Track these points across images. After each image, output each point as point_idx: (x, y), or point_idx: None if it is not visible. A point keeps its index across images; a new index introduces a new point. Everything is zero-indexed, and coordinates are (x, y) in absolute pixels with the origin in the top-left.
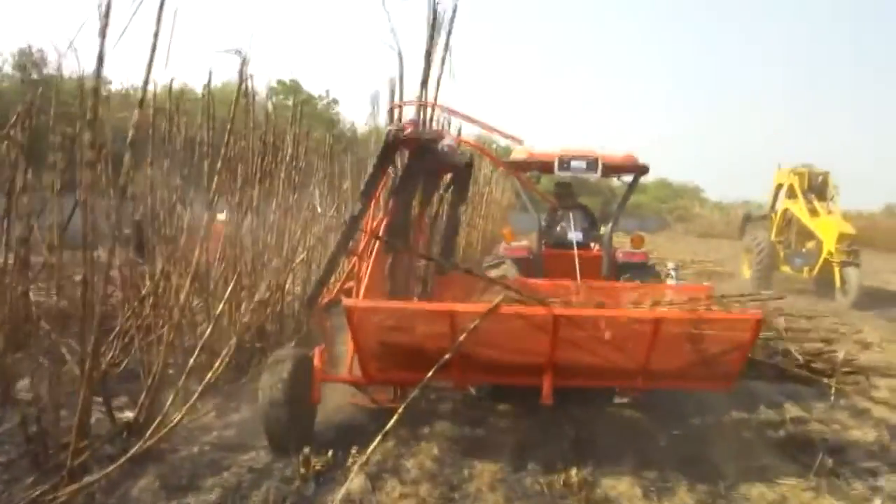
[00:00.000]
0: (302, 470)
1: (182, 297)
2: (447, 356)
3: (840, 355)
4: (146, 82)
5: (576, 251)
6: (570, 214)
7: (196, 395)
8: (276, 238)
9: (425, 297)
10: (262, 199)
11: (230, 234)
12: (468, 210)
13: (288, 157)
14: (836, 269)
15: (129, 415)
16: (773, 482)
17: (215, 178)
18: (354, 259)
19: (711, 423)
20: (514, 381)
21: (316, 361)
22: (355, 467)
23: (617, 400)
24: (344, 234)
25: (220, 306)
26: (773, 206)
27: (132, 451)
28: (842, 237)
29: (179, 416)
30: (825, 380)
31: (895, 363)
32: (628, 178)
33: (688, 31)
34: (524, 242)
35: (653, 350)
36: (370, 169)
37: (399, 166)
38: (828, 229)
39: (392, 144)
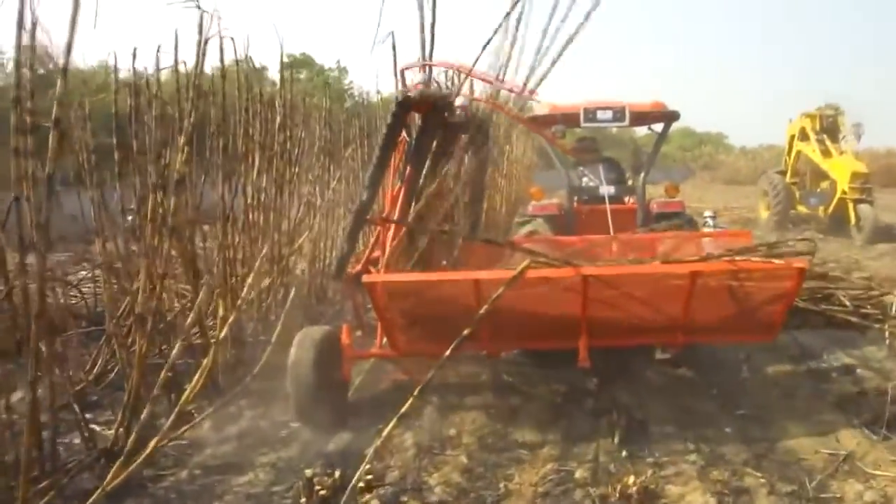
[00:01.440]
0: (303, 500)
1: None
2: (470, 327)
3: (891, 298)
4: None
5: (608, 205)
6: (599, 168)
7: (174, 415)
8: (274, 218)
9: (452, 263)
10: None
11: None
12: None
13: (277, 126)
14: (851, 207)
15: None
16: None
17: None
18: (379, 228)
19: (762, 379)
20: (548, 346)
21: (344, 338)
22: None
23: (658, 356)
24: (362, 202)
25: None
26: (788, 152)
27: (105, 484)
28: (855, 176)
29: (155, 441)
30: (876, 325)
31: None
32: (657, 128)
33: None
34: (554, 200)
35: (690, 304)
36: (382, 136)
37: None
38: (841, 169)
39: (401, 108)
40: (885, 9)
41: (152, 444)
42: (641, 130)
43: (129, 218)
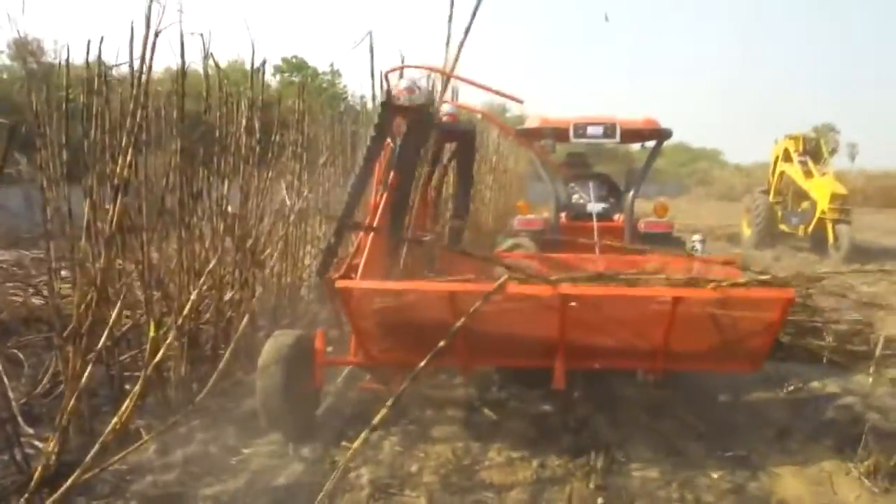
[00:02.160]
0: None
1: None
2: (444, 341)
3: (878, 334)
4: None
5: (595, 222)
6: (589, 184)
7: (99, 442)
8: (240, 227)
9: (432, 273)
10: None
11: None
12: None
13: (243, 127)
14: (830, 227)
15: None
16: (813, 469)
17: None
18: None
19: (741, 402)
20: (525, 364)
21: (317, 343)
22: None
23: (640, 379)
24: (346, 207)
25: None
26: (773, 173)
27: None
28: (834, 197)
29: (82, 469)
30: (861, 363)
31: None
32: (650, 145)
33: None
34: (545, 215)
35: (672, 330)
36: (367, 140)
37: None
38: (821, 190)
39: (385, 113)
40: (888, 33)
41: (81, 469)
42: (637, 144)
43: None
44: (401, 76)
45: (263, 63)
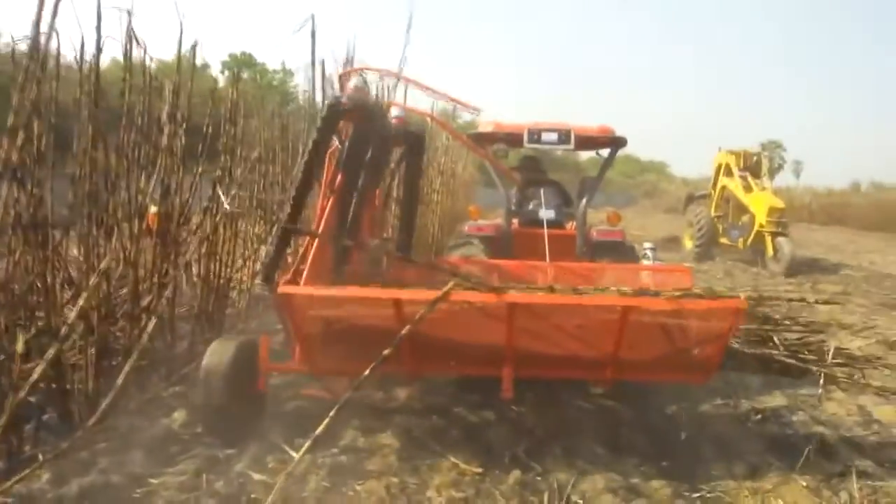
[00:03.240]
0: None
1: None
2: (390, 348)
3: (829, 343)
4: None
5: (545, 230)
6: (542, 190)
7: None
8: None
9: (378, 279)
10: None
11: None
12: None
13: (165, 119)
14: (768, 240)
15: None
16: (756, 480)
17: None
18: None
19: (689, 413)
20: (473, 372)
21: (262, 349)
22: None
23: (592, 389)
24: (289, 211)
25: None
26: (714, 185)
27: None
28: (772, 210)
29: None
30: (814, 369)
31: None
32: (604, 153)
33: (657, 6)
34: (497, 220)
35: (622, 340)
36: (311, 142)
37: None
38: (759, 204)
39: (332, 115)
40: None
41: None
42: (585, 154)
43: None
44: (356, 76)
45: (194, 46)
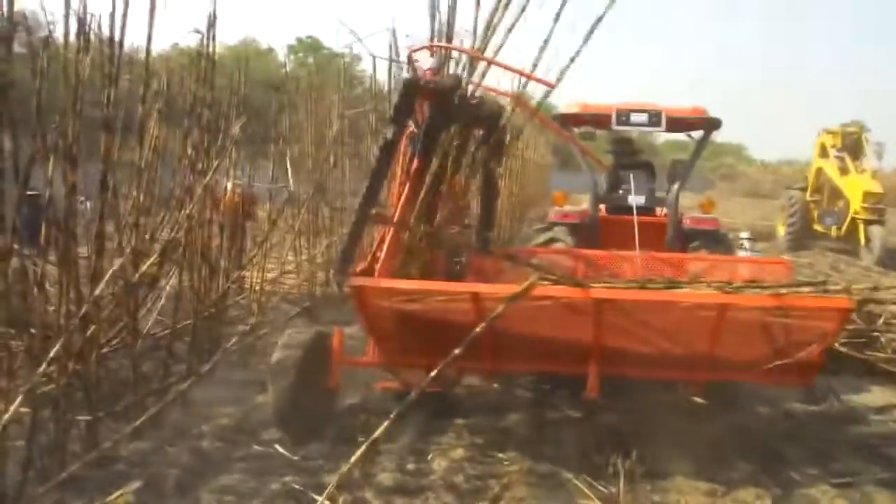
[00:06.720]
0: None
1: None
2: (463, 346)
3: None
4: None
5: (635, 217)
6: (632, 174)
7: None
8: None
9: (459, 271)
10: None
11: None
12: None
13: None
14: (861, 228)
15: None
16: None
17: None
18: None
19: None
20: (556, 369)
21: (335, 341)
22: None
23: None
24: (365, 196)
25: None
26: (811, 170)
27: None
28: (867, 195)
29: None
30: None
31: None
32: (695, 135)
33: None
34: (584, 206)
35: (717, 339)
36: (388, 125)
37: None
38: (854, 188)
39: (407, 96)
40: None
41: None
42: (662, 135)
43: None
44: (432, 55)
45: (214, 20)
